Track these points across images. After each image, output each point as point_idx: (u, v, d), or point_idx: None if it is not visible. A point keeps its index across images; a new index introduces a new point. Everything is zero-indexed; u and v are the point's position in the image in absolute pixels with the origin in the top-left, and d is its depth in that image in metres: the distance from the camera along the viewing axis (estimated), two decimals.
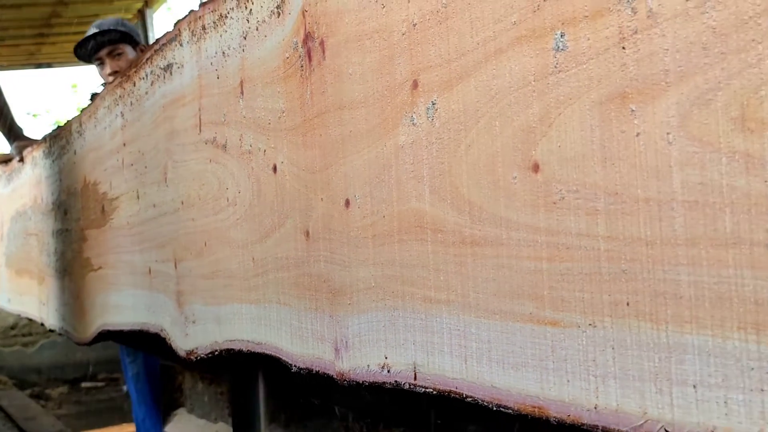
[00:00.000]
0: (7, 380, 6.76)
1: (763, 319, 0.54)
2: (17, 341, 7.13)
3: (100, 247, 2.15)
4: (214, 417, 3.50)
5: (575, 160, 0.67)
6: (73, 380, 6.64)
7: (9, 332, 7.14)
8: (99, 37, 3.36)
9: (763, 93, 0.53)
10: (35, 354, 7.02)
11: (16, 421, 5.29)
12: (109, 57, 3.35)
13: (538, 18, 0.70)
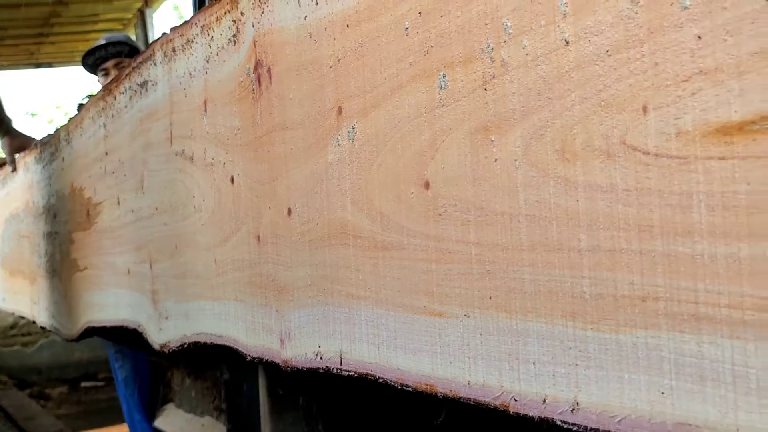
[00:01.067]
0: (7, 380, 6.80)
1: (578, 309, 0.68)
2: (17, 341, 7.16)
3: (85, 249, 2.30)
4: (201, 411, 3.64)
5: (454, 179, 0.82)
6: (72, 380, 6.68)
7: (9, 332, 7.16)
8: (111, 47, 3.50)
9: (576, 131, 0.67)
10: (35, 354, 7.05)
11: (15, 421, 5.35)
12: (115, 69, 3.49)
13: (428, 60, 0.85)
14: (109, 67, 3.49)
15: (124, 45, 3.52)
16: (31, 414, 5.62)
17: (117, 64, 3.48)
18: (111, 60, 3.49)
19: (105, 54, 3.50)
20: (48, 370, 6.91)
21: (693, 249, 0.58)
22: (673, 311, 0.60)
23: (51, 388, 6.73)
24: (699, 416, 0.58)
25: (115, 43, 3.52)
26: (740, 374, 0.55)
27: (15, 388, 6.68)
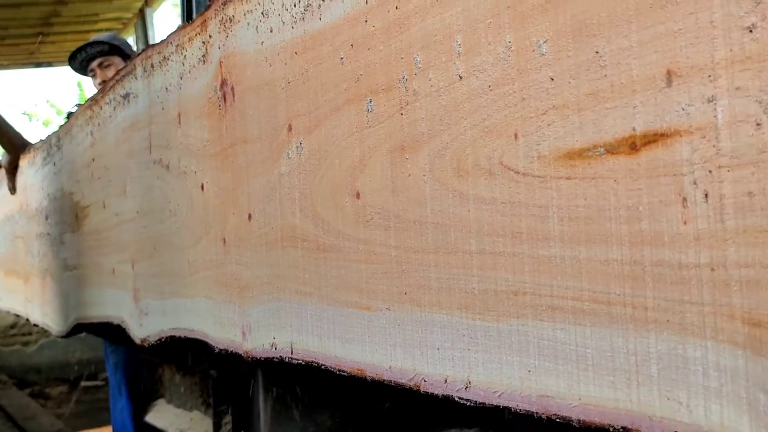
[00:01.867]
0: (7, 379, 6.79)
1: (469, 302, 0.81)
2: (17, 340, 7.16)
3: (74, 249, 2.42)
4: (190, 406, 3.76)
5: (379, 191, 0.94)
6: (72, 379, 6.64)
7: (9, 331, 7.16)
8: (89, 48, 3.59)
9: (467, 152, 0.80)
10: (35, 353, 7.04)
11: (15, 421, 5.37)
12: (99, 68, 3.58)
13: (358, 87, 0.97)
14: (94, 67, 3.57)
15: (103, 44, 3.59)
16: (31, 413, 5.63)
17: (101, 64, 3.56)
18: (95, 60, 3.57)
19: (86, 56, 3.57)
20: (48, 370, 6.89)
21: (549, 252, 0.71)
22: (535, 303, 0.72)
23: (51, 388, 6.72)
24: (554, 389, 0.71)
25: (93, 43, 3.59)
26: (581, 354, 0.68)
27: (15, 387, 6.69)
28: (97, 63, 3.57)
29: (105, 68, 3.55)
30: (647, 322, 0.62)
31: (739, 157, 0.55)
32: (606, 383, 0.66)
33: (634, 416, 0.63)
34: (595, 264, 0.66)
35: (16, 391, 6.58)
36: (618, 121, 0.63)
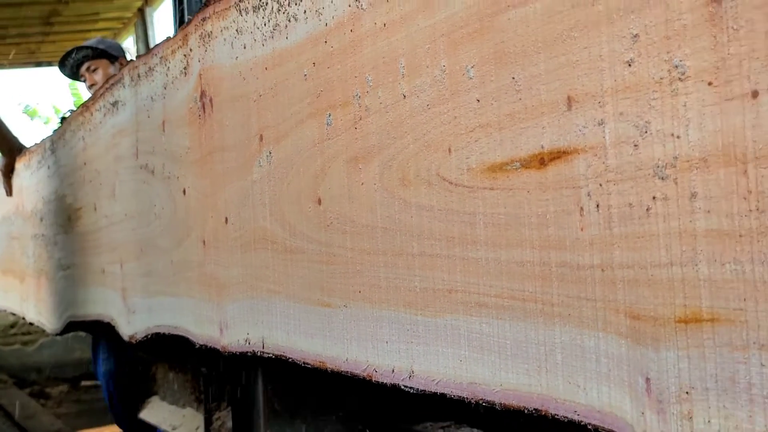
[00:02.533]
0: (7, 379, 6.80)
1: (412, 299, 0.89)
2: (17, 340, 7.17)
3: (67, 250, 2.51)
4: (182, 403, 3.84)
5: (337, 198, 1.03)
6: (72, 379, 6.68)
7: (9, 331, 7.18)
8: (75, 54, 3.68)
9: (410, 164, 0.88)
10: (35, 353, 7.05)
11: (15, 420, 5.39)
12: (87, 72, 3.67)
13: (319, 102, 1.06)
14: (83, 72, 3.66)
15: (88, 49, 3.67)
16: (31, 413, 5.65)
17: (88, 68, 3.64)
18: (83, 65, 3.66)
19: (74, 61, 3.66)
20: (48, 369, 6.91)
21: (477, 254, 0.79)
22: (466, 300, 0.81)
23: (51, 387, 6.75)
24: (480, 376, 0.79)
25: (79, 48, 3.68)
26: (502, 345, 0.76)
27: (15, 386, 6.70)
28: (85, 67, 3.65)
29: (92, 72, 3.63)
30: (553, 317, 0.71)
31: (621, 173, 0.63)
32: (521, 371, 0.74)
33: (543, 399, 0.72)
34: (513, 265, 0.75)
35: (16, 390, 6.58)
36: (530, 139, 0.72)
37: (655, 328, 0.61)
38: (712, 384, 0.57)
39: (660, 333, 0.60)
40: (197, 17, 1.44)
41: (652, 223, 0.61)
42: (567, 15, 0.67)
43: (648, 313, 0.61)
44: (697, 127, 0.57)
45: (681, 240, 0.59)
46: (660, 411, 0.61)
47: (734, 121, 0.55)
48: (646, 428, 0.62)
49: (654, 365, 0.61)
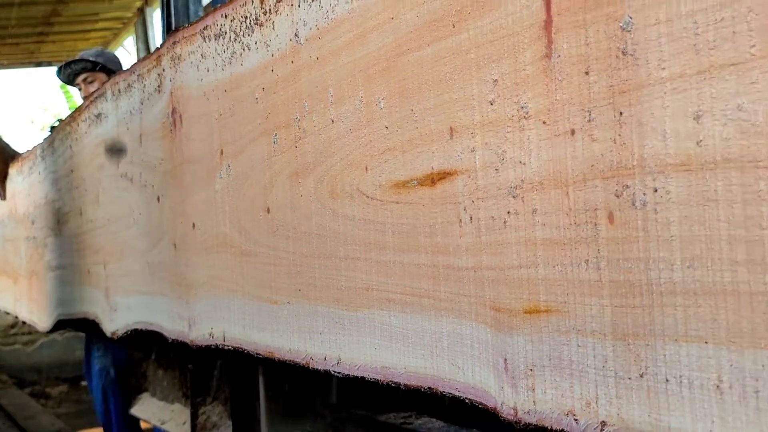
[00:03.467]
0: (7, 379, 6.82)
1: (339, 296, 1.03)
2: (17, 340, 7.20)
3: (57, 252, 2.65)
4: (171, 399, 3.95)
5: (282, 207, 1.17)
6: (72, 379, 6.65)
7: (9, 331, 7.19)
8: (73, 65, 3.82)
9: (338, 179, 1.03)
10: (35, 353, 7.08)
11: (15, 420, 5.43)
12: (84, 83, 3.80)
13: (268, 122, 1.20)
14: (80, 82, 3.79)
15: (86, 61, 3.80)
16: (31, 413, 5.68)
17: (85, 80, 3.77)
18: (80, 75, 3.78)
19: (72, 71, 3.79)
20: (48, 369, 6.92)
21: (386, 258, 0.93)
22: (379, 297, 0.95)
23: (51, 387, 6.78)
24: (390, 361, 0.94)
25: (79, 60, 3.82)
26: (405, 334, 0.91)
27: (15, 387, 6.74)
28: (82, 78, 3.78)
29: (89, 84, 3.76)
30: (440, 310, 0.85)
31: (487, 191, 0.77)
32: (419, 355, 0.89)
33: (434, 379, 0.86)
34: (412, 267, 0.89)
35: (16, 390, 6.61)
36: (424, 161, 0.86)
37: (510, 318, 0.75)
38: (547, 362, 0.71)
39: (513, 322, 0.75)
40: (169, 40, 1.59)
41: (507, 233, 0.75)
42: (449, 60, 0.82)
43: (506, 306, 0.76)
44: (537, 156, 0.71)
45: (526, 247, 0.73)
46: (513, 385, 0.75)
47: (560, 153, 0.69)
48: (504, 399, 0.76)
49: (510, 348, 0.75)
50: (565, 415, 0.69)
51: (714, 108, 0.56)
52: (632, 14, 0.62)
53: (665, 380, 0.60)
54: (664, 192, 0.60)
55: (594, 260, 0.66)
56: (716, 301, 0.56)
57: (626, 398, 0.63)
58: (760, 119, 0.53)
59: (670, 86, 0.59)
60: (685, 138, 0.58)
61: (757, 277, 0.54)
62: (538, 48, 0.70)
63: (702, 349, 0.58)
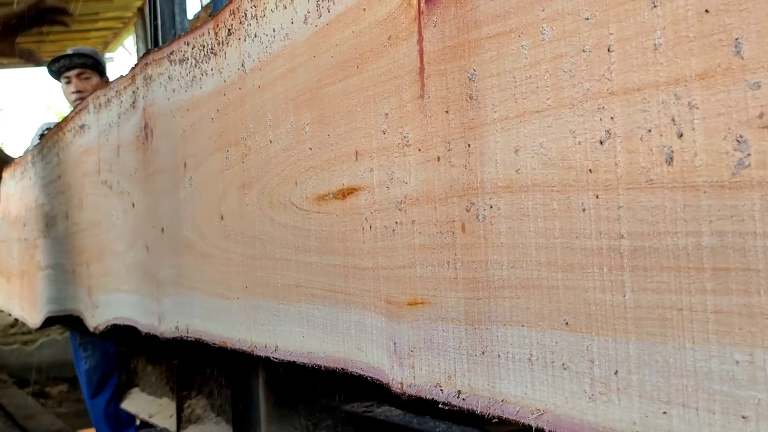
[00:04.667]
0: (7, 378, 6.92)
1: (276, 293, 1.20)
2: (17, 339, 7.30)
3: (45, 253, 2.82)
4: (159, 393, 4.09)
5: (233, 215, 1.34)
6: (73, 378, 6.48)
7: (9, 331, 7.30)
8: (75, 58, 3.92)
9: (276, 192, 1.19)
10: (35, 352, 7.16)
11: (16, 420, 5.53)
12: (77, 77, 3.90)
13: (221, 140, 1.37)
14: (71, 75, 3.88)
15: (87, 57, 3.91)
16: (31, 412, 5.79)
17: (79, 75, 3.88)
18: (75, 69, 3.88)
19: (69, 63, 3.89)
20: (48, 369, 6.99)
21: (310, 259, 1.10)
22: (306, 292, 1.12)
23: (51, 387, 6.87)
24: (313, 347, 1.10)
25: (80, 54, 3.92)
26: (325, 324, 1.07)
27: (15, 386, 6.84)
28: (75, 72, 3.86)
29: (84, 80, 3.87)
30: (349, 303, 1.01)
31: (381, 204, 0.94)
32: (335, 341, 1.05)
33: (346, 361, 1.03)
34: (329, 267, 1.06)
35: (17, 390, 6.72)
36: (338, 178, 1.03)
37: (398, 309, 0.92)
38: (423, 344, 0.88)
39: (400, 312, 0.91)
40: (141, 61, 1.75)
41: (395, 240, 0.92)
42: (354, 94, 0.98)
43: (395, 299, 0.92)
44: (415, 177, 0.88)
45: (408, 251, 0.89)
46: (400, 364, 0.91)
47: (430, 175, 0.85)
48: (394, 376, 0.93)
49: (397, 334, 0.92)
50: (434, 387, 0.86)
51: (526, 144, 0.72)
52: (476, 68, 0.78)
53: (498, 356, 0.77)
54: (497, 208, 0.76)
55: (452, 262, 0.82)
56: (528, 294, 0.73)
57: (473, 371, 0.80)
58: (553, 154, 0.69)
59: (499, 126, 0.75)
60: (509, 167, 0.74)
61: (552, 275, 0.70)
62: (415, 89, 0.87)
63: (520, 331, 0.74)
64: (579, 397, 0.68)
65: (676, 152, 0.59)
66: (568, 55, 0.68)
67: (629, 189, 0.63)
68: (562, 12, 0.68)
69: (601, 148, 0.65)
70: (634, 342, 0.63)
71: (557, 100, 0.69)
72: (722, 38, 0.55)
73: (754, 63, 0.53)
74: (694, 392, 0.58)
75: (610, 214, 0.64)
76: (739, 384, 0.55)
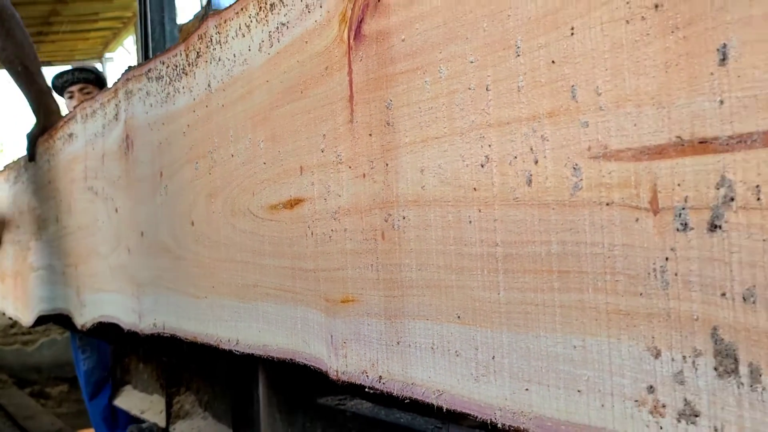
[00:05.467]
0: (7, 379, 6.95)
1: (238, 292, 1.33)
2: (17, 340, 7.32)
3: (37, 254, 2.95)
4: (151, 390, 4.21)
5: (202, 221, 1.47)
6: (73, 379, 6.55)
7: (9, 331, 7.31)
8: (77, 73, 4.05)
9: (237, 201, 1.32)
10: (35, 352, 7.20)
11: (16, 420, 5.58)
12: (80, 93, 4.03)
13: (192, 152, 1.50)
14: (74, 90, 4.02)
15: (90, 72, 4.06)
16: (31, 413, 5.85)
17: (82, 89, 4.02)
18: (78, 84, 4.02)
19: (73, 78, 4.03)
20: (48, 369, 7.05)
21: (265, 262, 1.23)
22: (262, 291, 1.25)
23: (51, 387, 6.92)
24: (267, 340, 1.23)
25: (83, 69, 4.07)
26: (278, 319, 1.20)
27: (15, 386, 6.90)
28: (78, 87, 4.00)
29: (86, 94, 4.00)
30: (297, 301, 1.14)
31: (321, 214, 1.07)
32: (285, 335, 1.18)
33: (294, 353, 1.16)
34: (280, 269, 1.19)
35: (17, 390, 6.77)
36: (286, 190, 1.16)
37: (334, 306, 1.05)
38: (353, 337, 1.01)
39: (335, 309, 1.04)
40: (123, 77, 1.88)
41: (331, 245, 1.05)
42: (299, 116, 1.11)
43: (332, 297, 1.05)
44: (347, 191, 1.01)
45: (341, 255, 1.02)
46: (336, 354, 1.04)
47: (358, 189, 0.98)
48: (331, 365, 1.06)
49: (334, 328, 1.05)
50: (362, 373, 0.99)
51: (429, 165, 0.85)
52: (392, 98, 0.91)
53: (409, 346, 0.90)
54: (407, 219, 0.89)
55: (375, 265, 0.95)
56: (431, 293, 0.86)
57: (391, 359, 0.93)
58: (449, 174, 0.82)
59: (409, 149, 0.88)
60: (417, 184, 0.87)
61: (448, 276, 0.83)
62: (346, 114, 1.00)
63: (425, 324, 0.87)
64: (467, 378, 0.81)
65: (533, 176, 0.72)
66: (458, 91, 0.81)
67: (502, 205, 0.76)
68: (455, 55, 0.81)
69: (482, 170, 0.78)
70: (506, 332, 0.76)
71: (451, 129, 0.82)
72: (563, 85, 0.68)
73: (584, 106, 0.66)
74: (546, 372, 0.71)
75: (489, 225, 0.77)
76: (576, 364, 0.68)
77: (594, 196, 0.66)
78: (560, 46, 0.68)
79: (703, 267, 0.57)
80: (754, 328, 0.53)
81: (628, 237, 0.63)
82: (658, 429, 0.61)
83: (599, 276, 0.66)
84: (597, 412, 0.66)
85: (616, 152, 0.63)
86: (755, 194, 0.53)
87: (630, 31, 0.62)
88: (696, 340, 0.58)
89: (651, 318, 0.61)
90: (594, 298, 0.66)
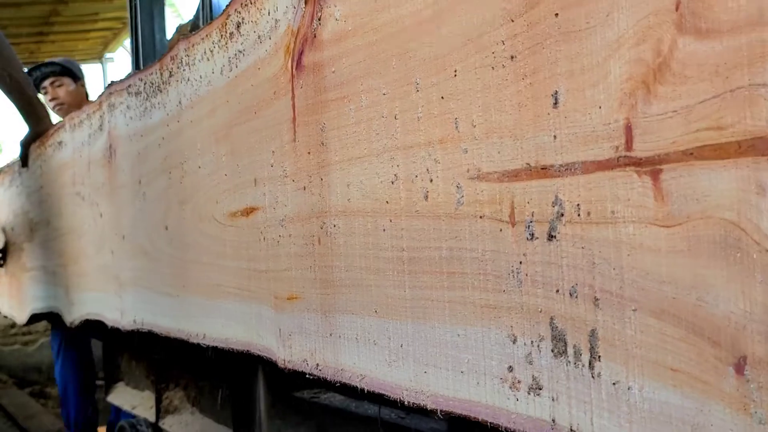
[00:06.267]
0: (7, 379, 6.92)
1: (206, 290, 1.46)
2: (17, 340, 7.29)
3: (30, 255, 3.09)
4: (142, 386, 4.32)
5: (174, 226, 1.60)
6: None
7: (9, 331, 7.28)
8: (42, 68, 4.13)
9: (203, 209, 1.46)
10: (35, 352, 7.15)
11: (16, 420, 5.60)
12: (52, 86, 4.11)
13: (166, 163, 1.63)
14: (47, 85, 4.10)
15: (56, 65, 4.11)
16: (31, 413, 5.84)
17: (53, 83, 4.08)
18: (48, 79, 4.08)
19: (41, 74, 4.10)
20: (48, 369, 6.88)
21: (226, 263, 1.37)
22: (224, 291, 1.38)
23: (51, 387, 6.75)
24: (230, 335, 1.37)
25: (48, 63, 4.14)
26: (236, 315, 1.34)
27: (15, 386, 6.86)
28: (49, 82, 4.08)
29: (57, 87, 4.06)
30: (252, 298, 1.28)
31: (271, 222, 1.20)
32: (242, 330, 1.32)
33: (250, 345, 1.30)
34: (238, 270, 1.32)
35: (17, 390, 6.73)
36: (243, 200, 1.29)
37: (282, 303, 1.18)
38: (296, 330, 1.14)
39: (283, 305, 1.18)
40: (107, 90, 2.02)
41: (279, 248, 1.18)
42: (254, 134, 1.25)
43: (280, 295, 1.19)
44: (291, 201, 1.14)
45: (287, 258, 1.16)
46: (283, 345, 1.18)
47: (300, 200, 1.12)
48: (279, 355, 1.19)
49: (282, 322, 1.19)
50: (303, 362, 1.13)
51: (353, 181, 0.99)
52: (325, 122, 1.05)
53: (339, 337, 1.04)
54: (338, 227, 1.03)
55: (313, 266, 1.09)
56: (355, 290, 1.00)
57: (326, 349, 1.07)
58: (368, 189, 0.96)
59: (339, 166, 1.02)
60: (344, 197, 1.01)
61: (368, 276, 0.97)
62: (290, 134, 1.14)
63: (351, 318, 1.01)
64: (383, 364, 0.95)
65: (429, 192, 0.86)
66: (375, 118, 0.94)
67: (407, 216, 0.89)
68: (372, 87, 0.95)
69: (392, 186, 0.92)
70: (410, 323, 0.90)
71: (369, 150, 0.96)
72: (449, 117, 0.82)
73: (464, 135, 0.80)
74: (439, 357, 0.85)
75: (397, 233, 0.91)
76: (460, 350, 0.82)
77: (472, 210, 0.80)
78: (447, 84, 0.82)
79: (545, 269, 0.71)
80: (577, 317, 0.67)
81: (495, 244, 0.77)
82: (515, 401, 0.75)
83: (475, 276, 0.79)
84: (474, 389, 0.80)
85: (486, 174, 0.77)
86: (576, 211, 0.67)
87: (495, 75, 0.76)
88: (540, 328, 0.72)
89: (510, 311, 0.75)
90: (472, 294, 0.80)
